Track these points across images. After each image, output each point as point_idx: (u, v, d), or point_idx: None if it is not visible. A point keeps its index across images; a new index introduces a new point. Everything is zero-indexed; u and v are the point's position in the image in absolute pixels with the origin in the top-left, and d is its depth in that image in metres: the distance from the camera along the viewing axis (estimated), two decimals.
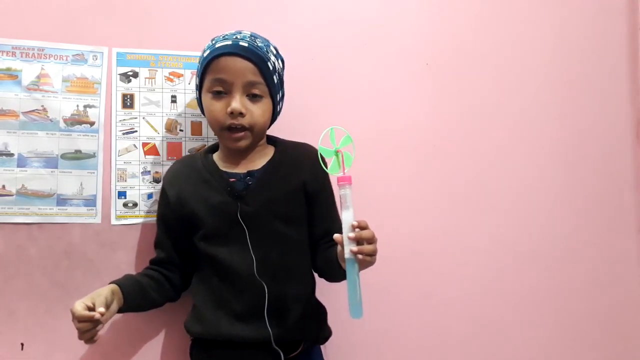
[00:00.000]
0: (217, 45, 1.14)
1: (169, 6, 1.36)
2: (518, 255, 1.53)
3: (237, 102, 1.11)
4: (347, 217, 1.00)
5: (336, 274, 1.10)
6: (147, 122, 1.33)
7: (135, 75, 1.33)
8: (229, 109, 1.12)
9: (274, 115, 1.21)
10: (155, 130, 1.33)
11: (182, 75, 1.35)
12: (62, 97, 1.28)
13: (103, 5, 1.32)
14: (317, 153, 1.07)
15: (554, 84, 1.60)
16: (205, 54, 1.16)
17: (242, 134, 1.14)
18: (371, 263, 1.01)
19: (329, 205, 1.21)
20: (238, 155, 1.20)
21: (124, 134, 1.31)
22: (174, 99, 1.35)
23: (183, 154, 1.33)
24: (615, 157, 1.64)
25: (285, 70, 1.24)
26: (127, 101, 1.32)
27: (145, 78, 1.33)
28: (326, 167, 1.04)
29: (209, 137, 1.36)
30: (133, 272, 1.29)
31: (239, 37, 1.14)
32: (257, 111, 1.14)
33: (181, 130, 1.34)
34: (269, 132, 1.26)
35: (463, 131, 1.52)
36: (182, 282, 1.23)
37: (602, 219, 1.61)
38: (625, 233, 1.63)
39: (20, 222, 1.25)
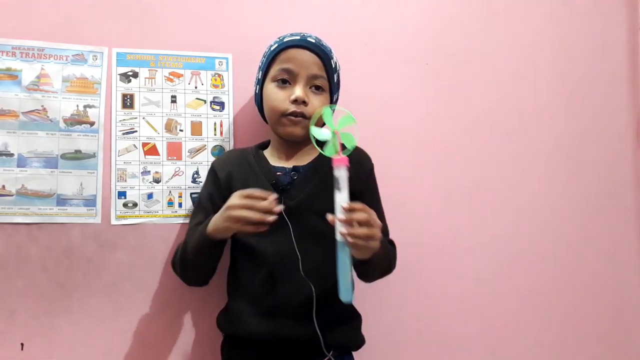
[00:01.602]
0: (285, 40, 1.20)
1: (169, 6, 1.36)
2: (519, 255, 1.54)
3: (301, 91, 1.16)
4: (339, 199, 1.00)
5: (359, 268, 1.11)
6: (147, 122, 1.33)
7: (135, 75, 1.33)
8: (292, 97, 1.16)
9: None
10: (155, 130, 1.33)
11: (182, 75, 1.35)
12: (62, 97, 1.28)
13: (103, 5, 1.32)
14: (364, 155, 1.20)
15: (554, 83, 1.60)
16: (272, 47, 1.21)
17: (300, 119, 1.17)
18: (368, 248, 1.00)
19: (372, 204, 1.19)
20: (287, 150, 1.22)
21: (124, 134, 1.31)
22: (173, 99, 1.35)
23: (183, 154, 1.33)
24: (615, 157, 1.64)
25: None
26: (127, 101, 1.32)
27: (145, 78, 1.33)
28: (322, 149, 1.06)
29: (209, 137, 1.36)
30: (133, 273, 1.29)
31: (306, 34, 1.21)
32: (318, 103, 1.18)
33: (181, 131, 1.34)
34: None
35: (464, 131, 1.52)
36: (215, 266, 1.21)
37: (603, 219, 1.61)
38: (626, 233, 1.63)
39: (20, 222, 1.25)
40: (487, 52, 1.56)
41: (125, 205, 1.30)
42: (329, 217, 1.00)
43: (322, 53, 1.19)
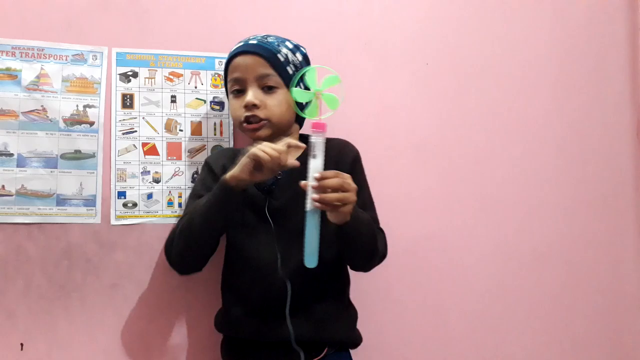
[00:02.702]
0: (232, 50, 1.21)
1: (169, 6, 1.36)
2: (518, 255, 1.53)
3: (251, 96, 1.16)
4: (313, 166, 0.99)
5: (345, 249, 1.10)
6: (147, 122, 1.33)
7: (135, 75, 1.33)
8: (243, 103, 1.16)
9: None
10: (155, 130, 1.33)
11: (181, 75, 1.35)
12: (61, 97, 1.28)
13: (103, 5, 1.32)
14: (345, 145, 1.20)
15: (554, 83, 1.60)
16: (225, 62, 1.23)
17: (258, 124, 1.17)
18: (344, 214, 1.01)
19: (359, 194, 1.18)
20: None
21: (123, 134, 1.31)
22: (173, 99, 1.35)
23: (183, 154, 1.33)
24: (615, 157, 1.64)
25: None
26: (127, 101, 1.32)
27: (145, 78, 1.33)
28: (302, 111, 1.05)
29: (209, 137, 1.35)
30: (132, 273, 1.29)
31: (251, 37, 1.21)
32: (272, 102, 1.17)
33: (181, 130, 1.34)
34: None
35: (463, 131, 1.52)
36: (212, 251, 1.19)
37: (603, 219, 1.61)
38: (626, 233, 1.63)
39: (19, 222, 1.24)
40: (486, 52, 1.55)
41: (125, 205, 1.30)
42: (302, 183, 1.00)
43: (262, 51, 1.17)
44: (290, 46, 1.22)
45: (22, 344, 1.24)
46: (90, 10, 1.31)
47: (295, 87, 1.08)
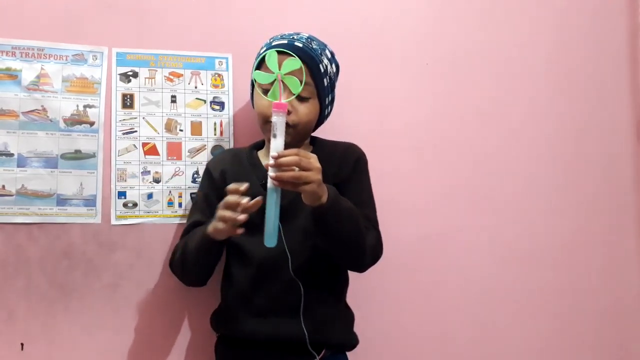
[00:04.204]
0: (273, 43, 1.18)
1: (169, 6, 1.36)
2: (518, 255, 1.53)
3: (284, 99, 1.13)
4: (273, 145, 1.00)
5: (323, 236, 1.07)
6: (147, 122, 1.33)
7: (135, 75, 1.33)
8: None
9: (321, 117, 1.23)
10: (155, 130, 1.33)
11: (181, 75, 1.35)
12: (61, 97, 1.28)
13: (103, 5, 1.32)
14: (349, 147, 1.20)
15: (554, 83, 1.60)
16: (261, 50, 1.20)
17: None
18: (309, 193, 0.99)
19: (358, 194, 1.19)
20: None
21: (123, 134, 1.31)
22: (173, 99, 1.35)
23: (183, 154, 1.33)
24: (615, 157, 1.64)
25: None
26: (127, 101, 1.32)
27: (145, 78, 1.33)
28: (265, 94, 1.06)
29: (209, 137, 1.35)
30: (132, 273, 1.29)
31: (295, 37, 1.18)
32: (303, 110, 1.16)
33: (181, 130, 1.34)
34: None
35: (463, 131, 1.52)
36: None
37: (602, 220, 1.61)
38: (625, 233, 1.63)
39: (20, 222, 1.24)
40: (486, 52, 1.55)
41: (125, 205, 1.30)
42: (265, 163, 1.00)
43: (308, 59, 1.14)
44: (329, 55, 1.21)
45: (22, 344, 1.24)
46: (90, 10, 1.31)
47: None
